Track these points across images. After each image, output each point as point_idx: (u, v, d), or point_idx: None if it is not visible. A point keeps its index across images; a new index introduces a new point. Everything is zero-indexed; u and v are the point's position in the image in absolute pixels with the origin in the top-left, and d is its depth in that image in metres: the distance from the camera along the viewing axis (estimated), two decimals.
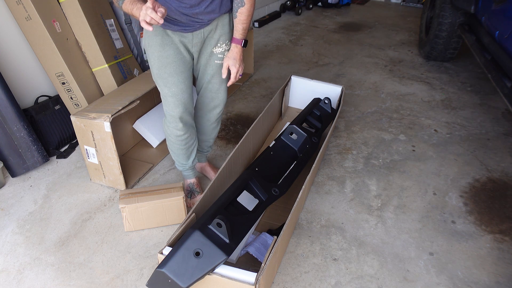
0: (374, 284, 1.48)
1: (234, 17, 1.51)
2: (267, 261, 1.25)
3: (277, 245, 1.34)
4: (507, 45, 2.07)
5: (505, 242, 1.64)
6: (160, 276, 1.22)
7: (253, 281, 1.18)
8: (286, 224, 1.41)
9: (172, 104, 1.59)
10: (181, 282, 1.19)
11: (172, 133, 1.68)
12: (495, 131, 2.39)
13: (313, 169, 1.71)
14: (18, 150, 2.03)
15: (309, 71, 3.29)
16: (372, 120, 2.55)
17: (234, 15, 1.50)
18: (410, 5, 5.17)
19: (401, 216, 1.79)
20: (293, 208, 1.49)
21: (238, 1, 1.46)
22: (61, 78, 2.21)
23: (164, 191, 1.72)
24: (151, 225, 1.74)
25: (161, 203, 1.68)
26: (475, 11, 2.66)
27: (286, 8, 4.82)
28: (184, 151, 1.77)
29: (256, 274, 1.20)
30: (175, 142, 1.72)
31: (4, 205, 1.91)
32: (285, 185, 1.65)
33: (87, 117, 1.80)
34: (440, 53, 3.27)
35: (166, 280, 1.20)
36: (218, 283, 1.23)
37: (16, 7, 2.00)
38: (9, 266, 1.59)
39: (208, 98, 1.72)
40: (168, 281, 1.20)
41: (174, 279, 1.19)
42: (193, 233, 1.24)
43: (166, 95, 1.58)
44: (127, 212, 1.67)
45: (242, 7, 1.46)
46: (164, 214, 1.72)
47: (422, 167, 2.10)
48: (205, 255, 1.21)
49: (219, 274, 1.21)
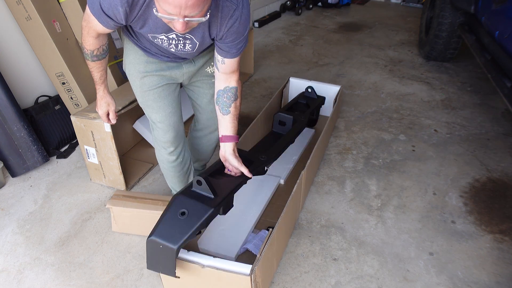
0: (374, 284, 1.48)
1: (224, 113, 1.35)
2: (263, 252, 1.26)
3: (273, 236, 1.34)
4: (507, 45, 2.07)
5: (505, 242, 1.64)
6: (152, 247, 1.19)
7: (248, 272, 1.18)
8: (281, 217, 1.42)
9: (161, 130, 1.50)
10: (171, 243, 1.16)
11: (165, 159, 1.59)
12: (495, 131, 2.39)
13: (308, 163, 1.72)
14: (18, 150, 2.03)
15: (309, 71, 3.29)
16: (372, 120, 2.55)
17: (226, 111, 1.35)
18: (410, 5, 5.17)
19: (401, 216, 1.79)
20: (289, 198, 1.50)
21: (231, 95, 1.33)
22: (61, 78, 2.21)
23: (152, 201, 1.67)
24: (135, 232, 1.71)
25: (144, 213, 1.64)
26: (475, 11, 2.65)
27: (286, 8, 4.81)
28: (180, 178, 1.68)
29: (252, 265, 1.20)
30: (169, 169, 1.63)
31: (4, 205, 1.91)
32: (273, 152, 1.63)
33: (87, 117, 1.80)
34: (440, 53, 3.26)
35: (158, 248, 1.18)
36: (214, 275, 1.23)
37: (16, 7, 2.00)
38: (9, 266, 1.59)
39: (210, 119, 1.62)
40: (160, 248, 1.18)
41: (164, 242, 1.17)
42: (175, 198, 1.25)
43: (155, 121, 1.49)
44: (114, 212, 1.67)
45: (236, 101, 1.35)
46: (147, 225, 1.64)
47: (422, 167, 2.10)
48: (190, 213, 1.21)
49: (215, 267, 1.21)
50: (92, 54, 1.30)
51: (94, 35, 1.24)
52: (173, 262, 1.18)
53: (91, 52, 1.30)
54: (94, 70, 1.37)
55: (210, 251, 1.57)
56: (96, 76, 1.40)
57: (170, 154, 1.57)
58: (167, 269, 1.20)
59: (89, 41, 1.26)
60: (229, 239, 1.61)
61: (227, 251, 1.56)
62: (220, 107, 1.36)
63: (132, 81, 1.44)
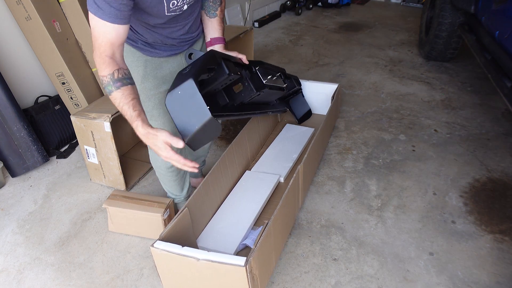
0: (374, 284, 1.48)
1: (210, 16, 1.42)
2: (258, 243, 1.26)
3: (269, 228, 1.35)
4: (507, 45, 2.07)
5: (505, 242, 1.64)
6: (175, 106, 1.12)
7: (243, 263, 1.18)
8: (277, 209, 1.42)
9: None
10: (187, 80, 1.10)
11: (162, 165, 1.55)
12: (495, 131, 2.39)
13: (305, 158, 1.72)
14: (18, 150, 2.03)
15: (309, 71, 3.29)
16: (372, 120, 2.55)
17: (212, 14, 1.42)
18: (410, 5, 5.16)
19: (401, 216, 1.79)
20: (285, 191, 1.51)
21: (216, 0, 1.41)
22: (61, 78, 2.21)
23: (148, 203, 1.67)
24: (131, 232, 1.72)
25: (139, 214, 1.65)
26: (475, 11, 2.65)
27: (286, 8, 4.81)
28: (177, 182, 1.66)
29: (247, 257, 1.20)
30: (165, 174, 1.61)
31: (4, 205, 1.91)
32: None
33: (87, 117, 1.80)
34: (440, 53, 3.26)
35: (179, 100, 1.10)
36: (210, 268, 1.23)
37: (16, 7, 2.00)
38: (9, 266, 1.59)
39: None
40: (180, 98, 1.10)
41: (179, 86, 1.11)
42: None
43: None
44: (110, 212, 1.68)
45: (221, 4, 1.43)
46: (142, 226, 1.68)
47: (422, 167, 2.10)
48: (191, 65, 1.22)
49: (210, 260, 1.21)
50: (113, 78, 1.07)
51: (108, 51, 1.07)
52: (200, 100, 1.08)
53: (111, 76, 1.07)
54: (123, 100, 1.08)
55: (209, 248, 1.57)
56: (127, 109, 1.09)
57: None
58: (200, 114, 1.09)
59: (105, 62, 1.07)
60: (227, 236, 1.62)
61: (225, 248, 1.56)
62: (206, 11, 1.41)
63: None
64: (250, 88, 1.55)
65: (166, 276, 1.36)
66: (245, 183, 1.92)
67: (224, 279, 1.26)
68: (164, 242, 1.28)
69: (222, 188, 1.81)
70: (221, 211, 1.75)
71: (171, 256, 1.26)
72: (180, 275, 1.32)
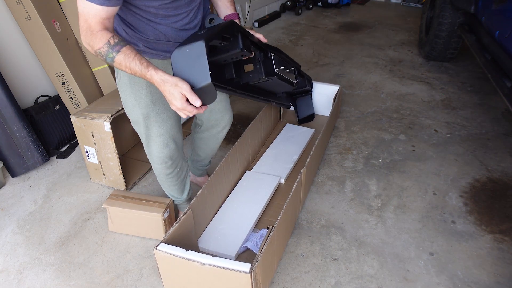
0: (374, 284, 1.48)
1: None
2: (263, 250, 1.26)
3: (273, 234, 1.34)
4: (507, 45, 2.07)
5: (505, 242, 1.64)
6: (180, 62, 1.10)
7: (248, 270, 1.18)
8: (281, 214, 1.42)
9: (160, 144, 1.41)
10: (197, 41, 1.09)
11: (162, 172, 1.54)
12: (495, 131, 2.39)
13: (308, 162, 1.72)
14: (18, 150, 2.03)
15: (309, 71, 3.29)
16: (372, 120, 2.55)
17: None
18: (410, 5, 5.16)
19: (401, 216, 1.79)
20: (289, 196, 1.50)
21: None
22: (61, 78, 2.21)
23: (148, 203, 1.67)
24: (131, 232, 1.71)
25: (139, 214, 1.64)
26: (475, 11, 2.65)
27: (286, 8, 4.81)
28: (177, 186, 1.64)
29: (251, 264, 1.20)
30: (165, 180, 1.59)
31: (4, 205, 1.91)
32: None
33: (87, 117, 1.80)
34: (440, 53, 3.26)
35: (185, 58, 1.09)
36: (214, 274, 1.23)
37: (16, 7, 2.00)
38: (9, 266, 1.59)
39: (217, 119, 1.61)
40: (187, 55, 1.09)
41: (189, 44, 1.09)
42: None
43: (153, 135, 1.39)
44: (110, 212, 1.68)
45: None
46: (142, 226, 1.68)
47: (422, 167, 2.10)
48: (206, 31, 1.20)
49: (215, 265, 1.21)
50: (110, 44, 1.05)
51: (99, 27, 1.05)
52: (204, 63, 1.07)
53: (108, 44, 1.05)
54: (128, 59, 1.07)
55: (210, 250, 1.57)
56: (135, 65, 1.07)
57: (167, 168, 1.51)
58: (201, 77, 1.08)
59: (97, 36, 1.05)
60: (229, 238, 1.61)
61: (227, 250, 1.56)
62: None
63: (136, 90, 1.33)
64: (260, 71, 1.51)
65: (168, 278, 1.36)
66: (246, 184, 1.92)
67: (228, 285, 1.25)
68: (167, 244, 1.27)
69: (223, 188, 1.81)
70: (222, 212, 1.75)
71: (175, 259, 1.25)
72: (182, 278, 1.31)
